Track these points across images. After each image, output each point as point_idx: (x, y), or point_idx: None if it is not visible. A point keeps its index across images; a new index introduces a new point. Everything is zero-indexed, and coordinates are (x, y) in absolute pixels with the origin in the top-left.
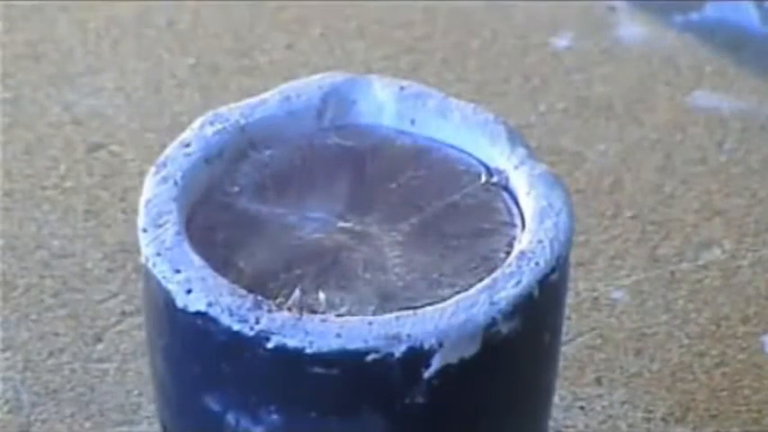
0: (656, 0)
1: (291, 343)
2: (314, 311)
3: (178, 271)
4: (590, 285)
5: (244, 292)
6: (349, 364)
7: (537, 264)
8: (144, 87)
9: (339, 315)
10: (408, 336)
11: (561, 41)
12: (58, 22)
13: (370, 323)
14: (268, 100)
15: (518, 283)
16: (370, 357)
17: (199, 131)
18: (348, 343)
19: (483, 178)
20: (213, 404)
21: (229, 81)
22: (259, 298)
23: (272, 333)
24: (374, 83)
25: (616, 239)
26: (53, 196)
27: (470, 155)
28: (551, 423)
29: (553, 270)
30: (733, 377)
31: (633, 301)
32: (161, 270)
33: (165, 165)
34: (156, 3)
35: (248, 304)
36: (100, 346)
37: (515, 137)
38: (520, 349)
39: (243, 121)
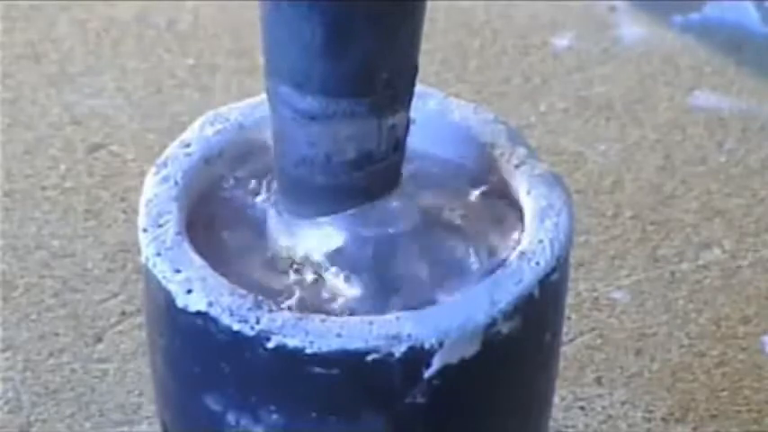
0: (656, 0)
1: (292, 343)
2: (314, 310)
3: (178, 271)
4: (590, 285)
5: (244, 291)
6: (349, 363)
7: (537, 264)
8: (144, 87)
9: (339, 315)
10: (408, 336)
11: (561, 41)
12: (58, 22)
13: (370, 323)
14: None
15: (518, 282)
16: (370, 357)
17: (199, 131)
18: (348, 343)
19: (483, 179)
20: (213, 404)
21: (229, 81)
22: (259, 298)
23: (273, 333)
24: None
25: (616, 239)
26: (53, 196)
27: (470, 155)
28: (551, 423)
29: (553, 270)
30: (733, 377)
31: (633, 301)
32: (161, 270)
33: (165, 165)
34: (156, 3)
35: (248, 304)
36: (100, 346)
37: (515, 137)
38: (520, 349)
39: (243, 121)
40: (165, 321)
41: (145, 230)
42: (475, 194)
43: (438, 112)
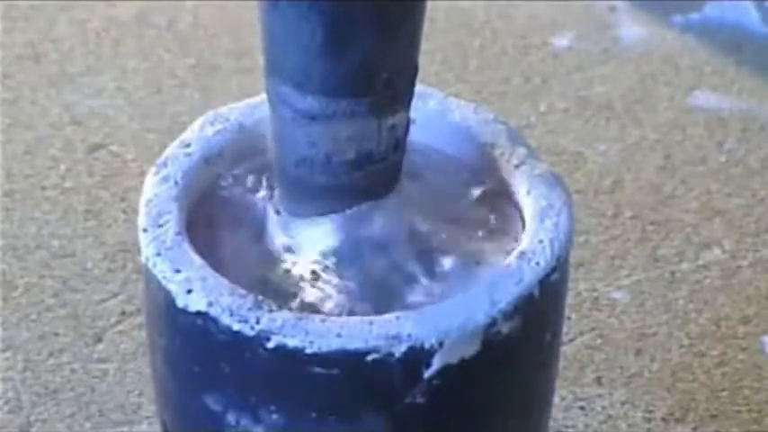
0: (656, 0)
1: (292, 343)
2: (313, 310)
3: (178, 271)
4: (590, 285)
5: (244, 291)
6: (349, 363)
7: (537, 264)
8: (144, 87)
9: (338, 315)
10: (408, 336)
11: (561, 41)
12: (58, 22)
13: (370, 323)
14: None
15: (518, 282)
16: (370, 357)
17: (199, 131)
18: (348, 343)
19: (483, 178)
20: (213, 404)
21: (229, 81)
22: (259, 298)
23: (273, 333)
24: None
25: (616, 239)
26: (53, 196)
27: (470, 155)
28: (551, 423)
29: (553, 270)
30: (733, 377)
31: (633, 301)
32: (161, 270)
33: (165, 165)
34: (156, 3)
35: (248, 304)
36: (100, 346)
37: (515, 137)
38: (520, 349)
39: (243, 121)
40: (165, 321)
41: (145, 230)
42: (474, 194)
43: (438, 112)
